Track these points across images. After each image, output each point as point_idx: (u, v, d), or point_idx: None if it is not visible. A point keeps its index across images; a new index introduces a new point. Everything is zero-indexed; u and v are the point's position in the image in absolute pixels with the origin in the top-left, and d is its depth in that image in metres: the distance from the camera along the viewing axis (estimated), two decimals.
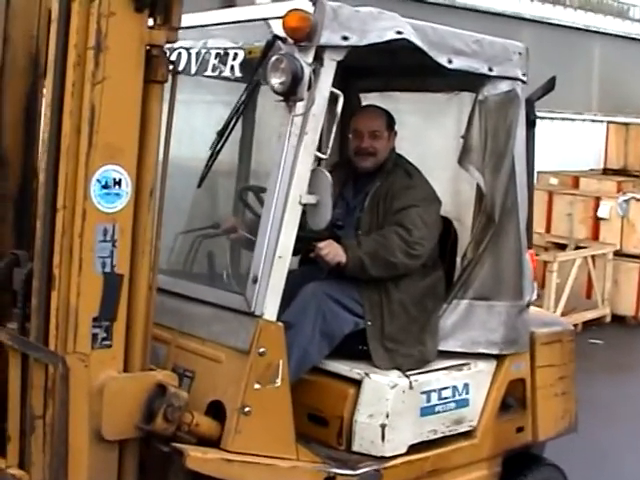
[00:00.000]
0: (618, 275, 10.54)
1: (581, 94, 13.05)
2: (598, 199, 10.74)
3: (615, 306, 10.43)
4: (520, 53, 4.13)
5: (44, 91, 3.43)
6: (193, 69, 3.77)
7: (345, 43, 3.45)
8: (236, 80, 3.71)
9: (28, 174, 3.51)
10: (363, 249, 3.90)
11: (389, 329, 3.96)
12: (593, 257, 10.21)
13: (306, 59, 3.34)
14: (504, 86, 4.06)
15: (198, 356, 3.51)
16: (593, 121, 12.56)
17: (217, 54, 3.72)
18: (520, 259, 4.21)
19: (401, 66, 4.28)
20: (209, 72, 3.75)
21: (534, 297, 4.37)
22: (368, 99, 4.66)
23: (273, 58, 3.32)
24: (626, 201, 10.63)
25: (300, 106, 3.37)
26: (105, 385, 3.08)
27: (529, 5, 12.67)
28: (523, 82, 4.15)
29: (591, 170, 12.09)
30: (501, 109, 4.07)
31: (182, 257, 4.16)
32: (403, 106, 4.51)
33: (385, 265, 3.93)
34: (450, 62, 3.84)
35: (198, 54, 3.78)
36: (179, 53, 3.78)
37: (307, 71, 3.32)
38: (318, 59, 3.40)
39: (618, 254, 10.50)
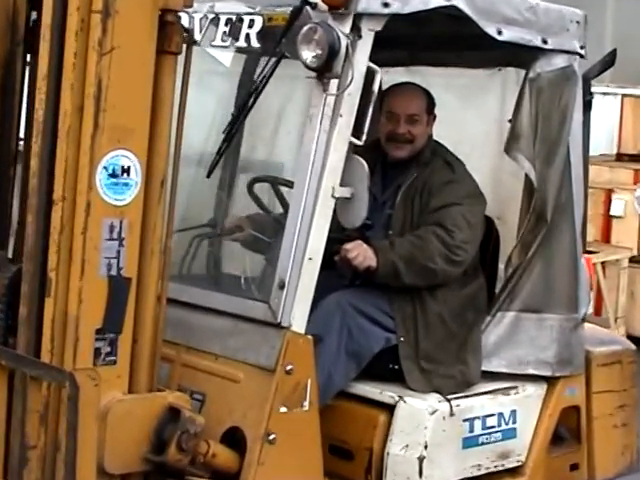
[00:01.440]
0: (635, 286, 10.57)
1: (590, 60, 12.97)
2: (610, 192, 10.76)
3: (631, 325, 10.40)
4: (578, 22, 4.34)
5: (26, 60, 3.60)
6: (197, 37, 3.92)
7: (386, 11, 3.64)
8: (252, 52, 3.89)
9: (5, 159, 3.60)
10: (397, 252, 4.08)
11: (425, 346, 4.14)
12: (604, 264, 10.18)
13: (343, 29, 3.53)
14: (560, 61, 4.27)
15: (210, 375, 3.67)
16: (604, 94, 12.13)
17: (228, 20, 3.89)
18: (575, 265, 4.43)
19: (432, 35, 4.47)
20: (218, 42, 3.92)
21: (590, 309, 4.57)
22: (390, 74, 4.85)
23: (305, 27, 3.50)
24: None
25: (334, 84, 3.55)
26: (109, 409, 3.23)
27: None
28: (581, 56, 4.36)
29: (602, 155, 11.78)
30: (556, 88, 4.27)
31: (181, 259, 4.30)
32: (434, 83, 4.65)
33: (422, 271, 4.11)
34: (500, 33, 4.04)
35: (203, 20, 3.94)
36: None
37: (344, 43, 3.51)
38: (355, 29, 3.58)
39: (635, 260, 10.54)
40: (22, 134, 3.62)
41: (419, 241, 4.14)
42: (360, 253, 4.03)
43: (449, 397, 4.09)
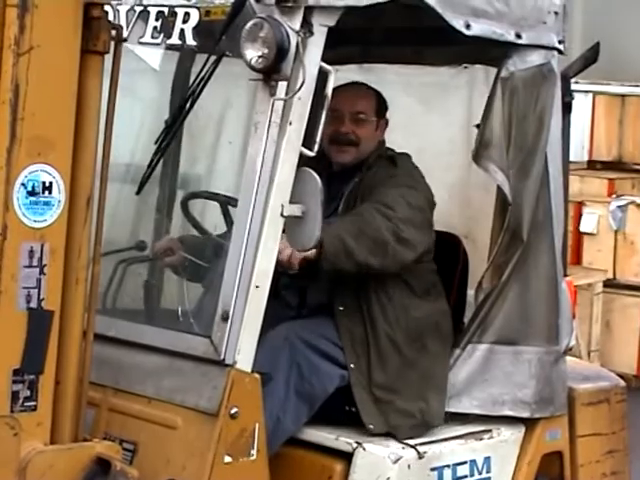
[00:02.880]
0: (611, 315, 10.79)
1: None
2: (581, 205, 10.99)
3: (607, 359, 10.56)
4: (557, 12, 4.52)
5: None
6: (125, 34, 4.06)
7: (340, 3, 3.80)
8: (187, 50, 4.03)
9: None
10: (341, 228, 4.17)
11: (378, 372, 4.30)
12: (575, 288, 10.35)
13: (292, 24, 3.68)
14: (535, 58, 4.45)
15: (142, 421, 3.80)
16: (574, 91, 12.30)
17: (159, 14, 4.03)
18: (555, 289, 4.61)
19: (388, 28, 4.64)
20: (147, 39, 4.05)
21: (572, 341, 4.75)
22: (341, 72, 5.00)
23: (250, 23, 3.64)
24: (621, 208, 10.93)
25: (283, 87, 3.71)
26: (29, 461, 3.34)
27: None
28: (560, 52, 4.54)
29: (571, 163, 11.97)
30: (531, 88, 4.44)
31: (105, 288, 4.41)
32: (391, 83, 4.84)
33: (374, 245, 4.18)
34: (468, 27, 4.21)
35: (130, 13, 4.08)
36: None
37: (294, 40, 3.67)
38: (306, 24, 3.73)
39: (610, 285, 10.73)
40: None
41: (361, 217, 4.23)
42: (286, 246, 4.02)
43: (414, 443, 4.24)
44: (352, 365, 4.29)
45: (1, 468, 3.24)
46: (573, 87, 4.77)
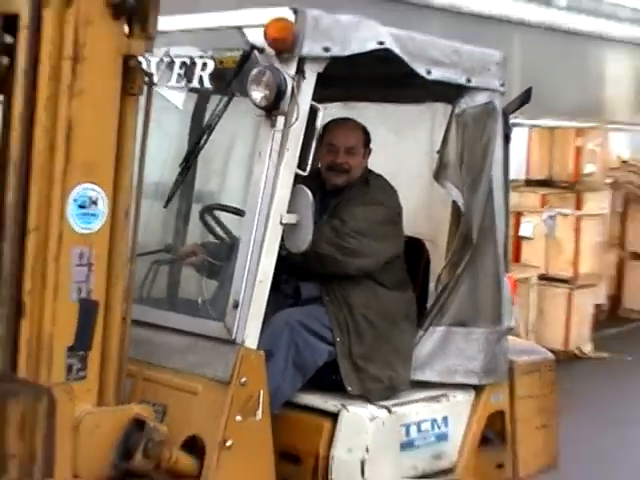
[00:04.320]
0: (544, 303, 10.83)
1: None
2: (520, 215, 11.02)
3: (540, 338, 10.51)
4: (498, 63, 4.58)
5: None
6: (155, 79, 4.08)
7: (327, 54, 3.84)
8: (204, 92, 4.06)
9: None
10: None
11: (356, 345, 4.33)
12: (514, 282, 10.42)
13: (288, 71, 3.73)
14: (482, 98, 4.50)
15: (170, 389, 3.82)
16: (514, 125, 12.33)
17: (182, 63, 4.06)
18: (499, 282, 4.64)
19: (364, 74, 4.68)
20: (173, 83, 4.09)
21: (512, 323, 4.79)
22: (329, 109, 5.03)
23: (255, 70, 3.68)
24: (552, 217, 11.00)
25: (281, 121, 3.75)
26: (81, 420, 3.37)
27: None
28: (501, 93, 4.59)
29: (512, 181, 12.03)
30: (479, 122, 4.49)
31: (141, 283, 4.43)
32: (369, 117, 4.85)
33: (316, 258, 4.23)
34: (429, 73, 4.26)
35: (160, 63, 4.11)
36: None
37: (290, 84, 3.71)
38: (300, 71, 3.77)
39: (543, 278, 10.80)
40: None
41: (316, 230, 4.21)
42: None
43: (387, 404, 4.27)
44: (338, 339, 4.32)
45: (60, 425, 3.25)
46: (513, 121, 4.80)
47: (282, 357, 4.16)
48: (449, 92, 4.49)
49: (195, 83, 4.02)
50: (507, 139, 4.77)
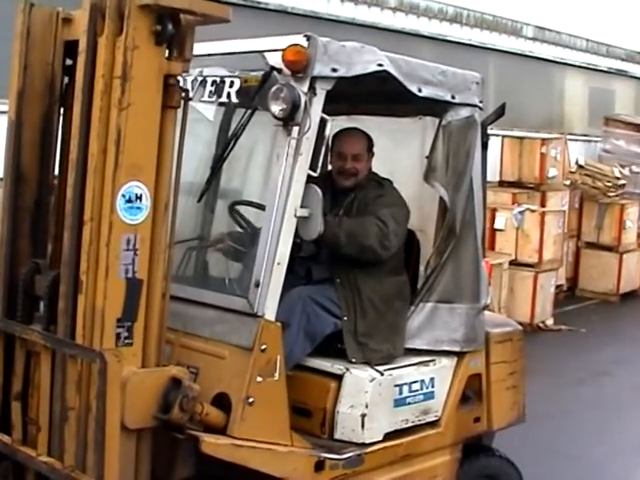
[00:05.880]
0: (513, 283, 10.79)
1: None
2: (494, 211, 10.98)
3: (511, 313, 10.52)
4: (477, 83, 4.53)
5: (60, 113, 3.73)
6: (190, 95, 4.05)
7: (334, 75, 3.81)
8: (231, 106, 4.03)
9: (44, 190, 3.73)
10: (342, 227, 4.23)
11: (360, 324, 4.30)
12: (490, 267, 10.24)
13: (302, 88, 3.70)
14: (464, 112, 4.45)
15: (202, 354, 3.80)
16: (490, 135, 12.46)
17: (213, 82, 4.04)
18: (478, 266, 4.59)
19: (365, 92, 4.64)
20: (206, 98, 4.06)
21: (489, 300, 4.76)
22: (336, 121, 5.00)
23: (274, 88, 3.66)
24: (521, 212, 10.98)
25: (296, 130, 3.72)
26: (128, 379, 3.35)
27: (427, 23, 12.85)
28: (480, 108, 4.55)
29: (488, 182, 12.19)
30: (462, 133, 4.45)
31: (179, 265, 4.40)
32: (371, 128, 4.79)
33: (358, 247, 4.22)
34: (420, 91, 4.22)
35: (194, 81, 4.09)
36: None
37: (303, 99, 3.68)
38: (311, 89, 3.74)
39: (513, 263, 10.77)
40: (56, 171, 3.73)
41: (361, 223, 4.27)
42: None
43: (383, 368, 4.24)
44: (345, 318, 4.30)
45: (111, 383, 3.24)
46: (489, 132, 4.77)
47: (295, 325, 4.14)
48: (437, 107, 4.45)
49: (224, 98, 4.00)
50: (485, 146, 4.73)
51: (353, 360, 4.24)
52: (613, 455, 6.76)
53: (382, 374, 4.23)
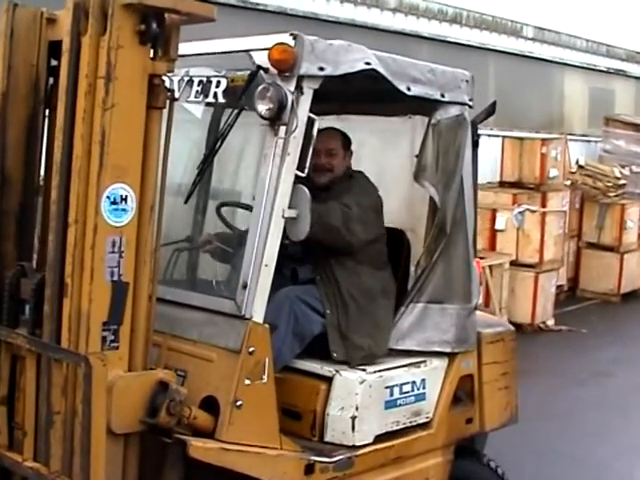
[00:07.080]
0: (514, 284, 10.89)
1: (477, 110, 13.06)
2: (495, 211, 11.09)
3: (512, 314, 10.68)
4: (467, 81, 4.56)
5: (45, 115, 3.75)
6: (177, 95, 4.07)
7: (321, 73, 3.83)
8: (218, 106, 4.05)
9: (29, 192, 3.75)
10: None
11: (343, 317, 4.32)
12: (491, 267, 10.46)
13: (289, 88, 3.72)
14: (454, 110, 4.48)
15: (190, 356, 3.81)
16: (489, 136, 12.46)
17: (200, 81, 4.04)
18: (468, 266, 4.61)
19: (355, 92, 4.66)
20: (192, 98, 4.07)
21: (480, 300, 4.77)
22: (325, 121, 5.03)
23: (260, 87, 3.67)
24: (521, 213, 11.05)
25: (283, 130, 3.74)
26: (114, 383, 3.37)
27: (427, 24, 12.95)
28: (470, 107, 4.57)
29: (488, 183, 12.24)
30: (451, 131, 4.46)
31: (165, 267, 4.43)
32: (360, 128, 4.85)
33: (323, 227, 4.16)
34: (409, 89, 4.25)
35: (181, 81, 4.09)
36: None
37: (290, 98, 3.70)
38: (298, 88, 3.76)
39: (514, 264, 10.86)
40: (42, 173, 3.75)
41: (326, 206, 4.25)
42: None
43: (374, 370, 4.26)
44: (328, 311, 4.32)
45: (96, 387, 3.26)
46: (490, 133, 4.82)
47: (283, 326, 4.16)
48: (426, 106, 4.47)
49: (210, 98, 4.00)
50: (475, 145, 4.74)
51: (334, 355, 4.25)
52: (616, 455, 6.81)
53: (375, 375, 4.23)
